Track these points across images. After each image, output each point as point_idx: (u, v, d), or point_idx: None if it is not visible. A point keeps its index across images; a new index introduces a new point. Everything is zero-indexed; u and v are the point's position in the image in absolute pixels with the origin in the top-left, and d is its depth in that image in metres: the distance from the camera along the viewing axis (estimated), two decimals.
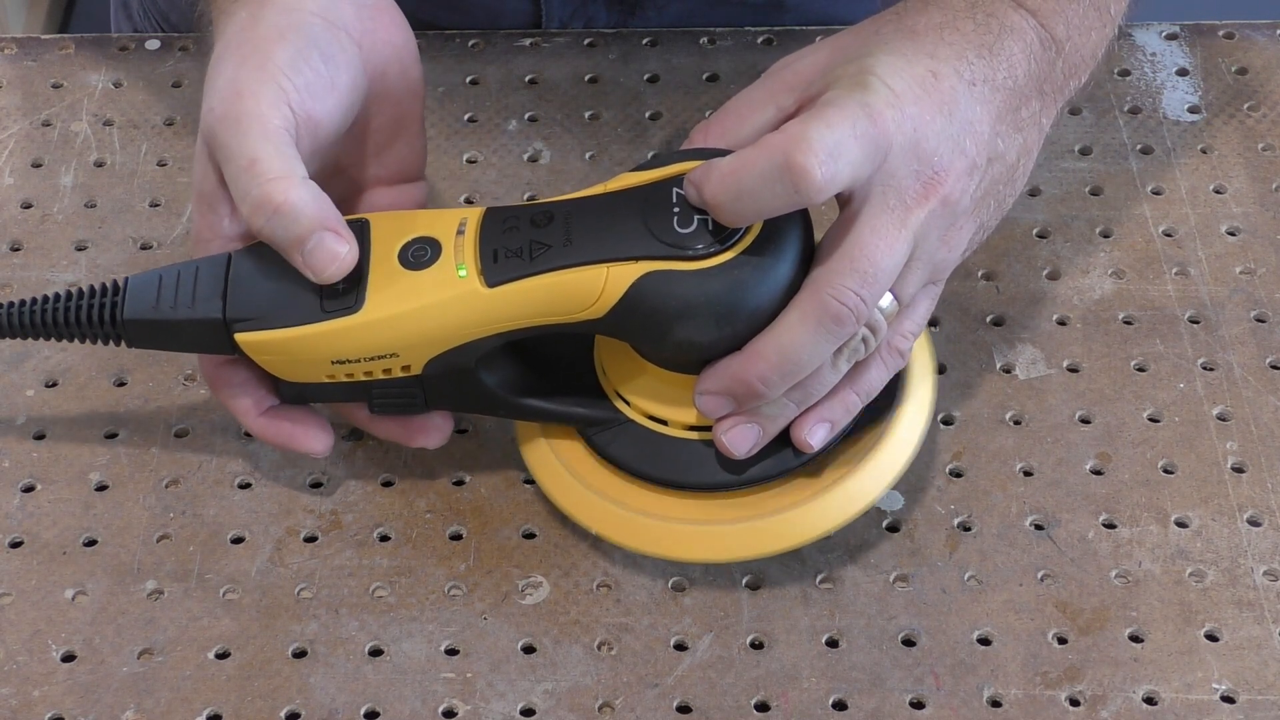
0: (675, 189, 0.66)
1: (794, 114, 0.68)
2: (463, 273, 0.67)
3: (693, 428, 0.70)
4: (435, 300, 0.67)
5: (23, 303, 0.71)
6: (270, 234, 0.67)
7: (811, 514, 0.70)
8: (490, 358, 0.69)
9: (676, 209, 0.66)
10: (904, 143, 0.65)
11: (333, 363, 0.69)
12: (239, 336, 0.68)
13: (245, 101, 0.68)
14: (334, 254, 0.67)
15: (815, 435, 0.69)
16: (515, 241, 0.67)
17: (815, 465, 0.71)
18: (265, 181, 0.67)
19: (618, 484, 0.72)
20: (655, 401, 0.71)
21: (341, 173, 0.75)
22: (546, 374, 0.72)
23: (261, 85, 0.68)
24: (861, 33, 0.70)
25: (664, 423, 0.71)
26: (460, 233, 0.68)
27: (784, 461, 0.70)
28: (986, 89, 0.69)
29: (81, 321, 0.70)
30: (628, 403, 0.71)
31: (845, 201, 0.66)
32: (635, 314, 0.66)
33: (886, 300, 0.67)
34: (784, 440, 0.70)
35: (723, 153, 0.66)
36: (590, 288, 0.66)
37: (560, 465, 0.73)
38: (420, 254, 0.68)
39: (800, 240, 0.66)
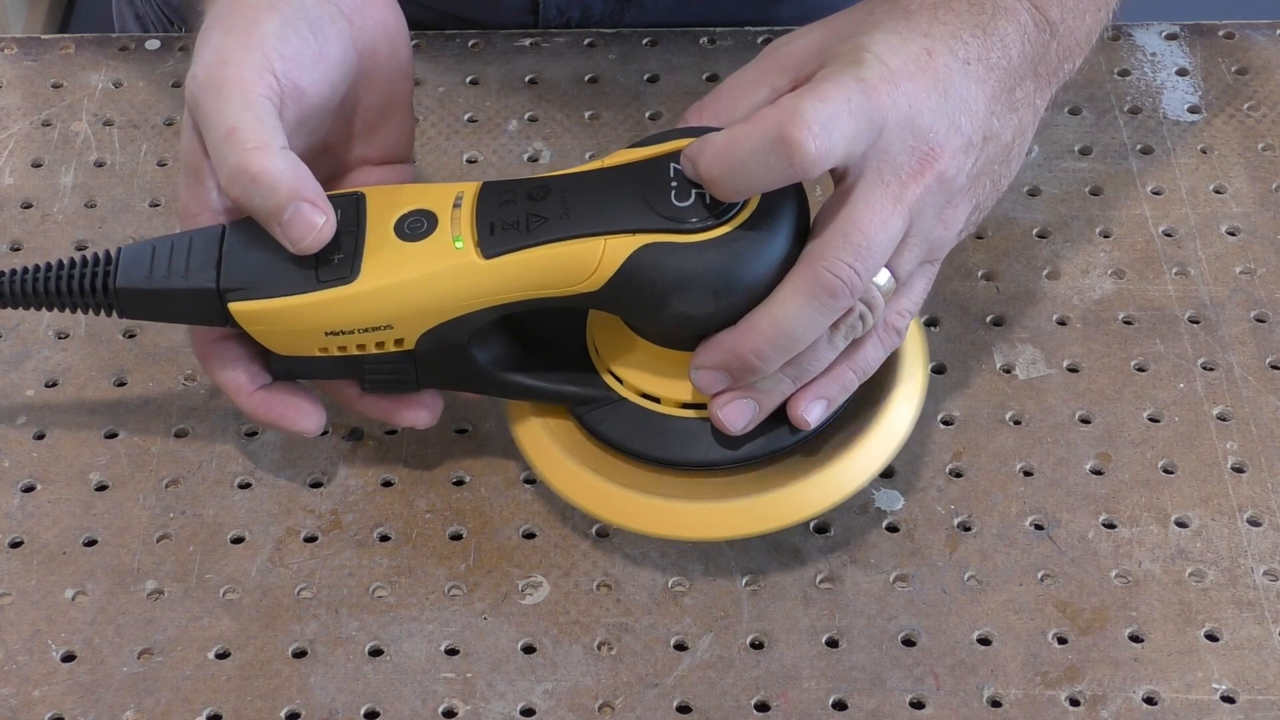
0: (672, 164, 0.67)
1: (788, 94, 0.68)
2: (459, 244, 0.67)
3: (686, 405, 0.70)
4: (431, 271, 0.67)
5: (15, 272, 0.71)
6: (247, 203, 0.67)
7: (803, 494, 0.70)
8: (483, 334, 0.70)
9: (674, 183, 0.66)
10: (899, 119, 0.66)
11: (326, 334, 0.69)
12: (233, 306, 0.68)
13: (229, 68, 0.68)
14: (311, 224, 0.67)
15: (811, 412, 0.69)
16: (512, 214, 0.67)
17: (809, 445, 0.71)
18: (243, 151, 0.66)
19: (609, 461, 0.72)
20: (648, 379, 0.70)
21: (329, 151, 0.74)
22: (538, 352, 0.72)
23: (246, 52, 0.68)
24: (855, 14, 0.70)
25: (657, 400, 0.71)
26: (457, 205, 0.68)
27: (779, 439, 0.70)
28: (981, 68, 0.69)
29: (74, 290, 0.70)
30: (620, 380, 0.71)
31: (840, 177, 0.67)
32: (632, 286, 0.66)
33: (884, 278, 0.67)
34: (779, 419, 0.70)
35: (720, 129, 0.66)
36: (587, 260, 0.66)
37: (553, 443, 0.72)
38: (416, 226, 0.68)
39: (796, 215, 0.66)
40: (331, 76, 0.71)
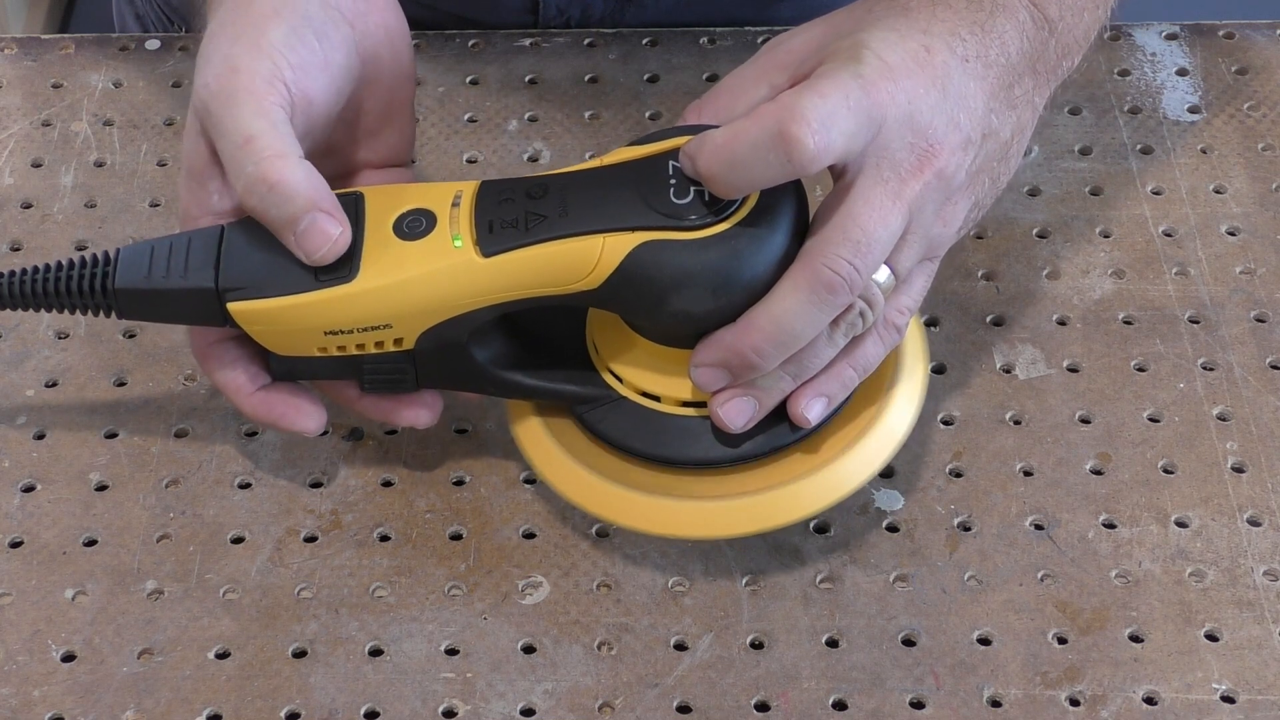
0: (671, 161, 0.67)
1: None
2: (458, 243, 0.67)
3: (686, 403, 0.70)
4: (430, 270, 0.67)
5: (13, 273, 0.71)
6: (264, 212, 0.67)
7: (803, 493, 0.70)
8: (482, 333, 0.70)
9: (673, 181, 0.66)
10: (898, 115, 0.66)
11: (325, 333, 0.69)
12: (232, 306, 0.68)
13: (241, 77, 0.68)
14: (327, 235, 0.67)
15: (812, 410, 0.69)
16: (511, 213, 0.67)
17: (809, 444, 0.71)
18: (261, 159, 0.66)
19: (609, 460, 0.72)
20: (648, 377, 0.70)
21: (331, 154, 0.75)
22: (538, 351, 0.72)
23: (257, 61, 0.68)
24: (854, 11, 0.70)
25: (656, 399, 0.71)
26: (455, 204, 0.68)
27: (779, 437, 0.70)
28: (979, 65, 0.69)
29: (73, 291, 0.70)
30: (620, 379, 0.71)
31: (839, 174, 0.67)
32: (631, 284, 0.66)
33: (883, 275, 0.67)
34: (779, 416, 0.70)
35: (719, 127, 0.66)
36: (586, 258, 0.66)
37: (553, 442, 0.72)
38: (415, 225, 0.68)
39: (795, 212, 0.66)
40: (337, 83, 0.71)
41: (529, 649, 0.71)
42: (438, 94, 0.92)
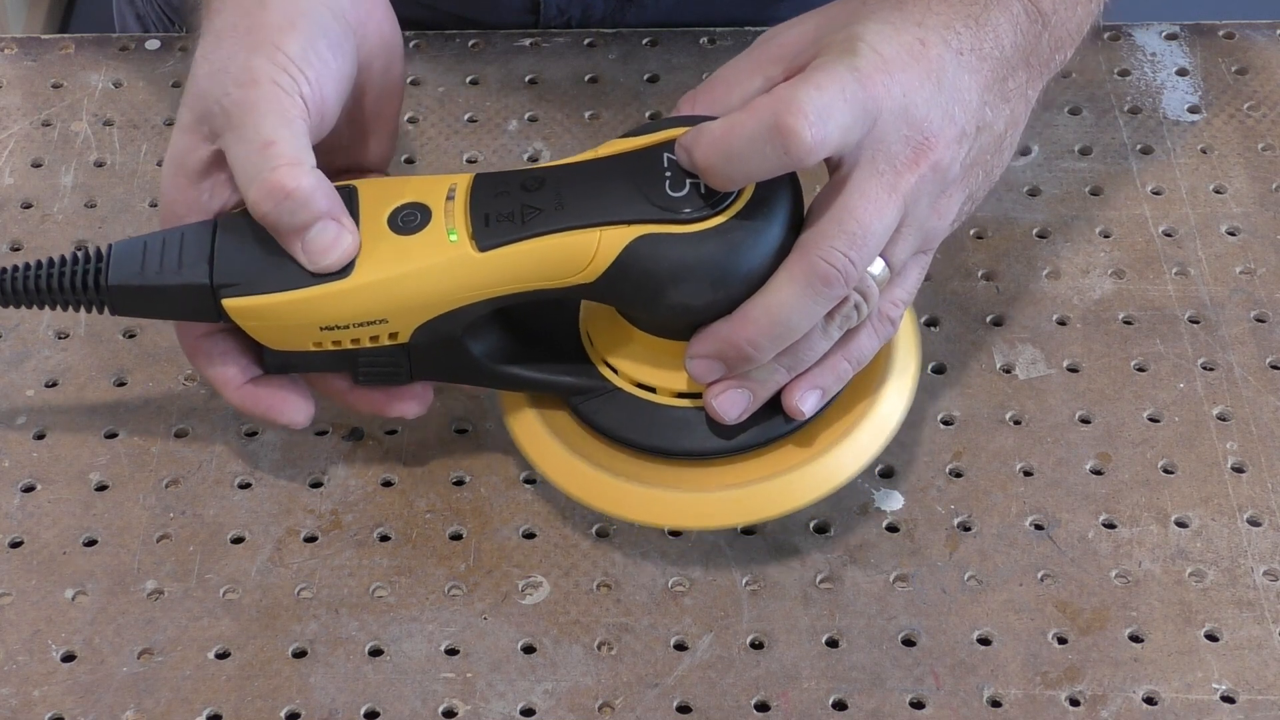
0: (666, 154, 0.67)
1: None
2: (453, 237, 0.67)
3: (681, 394, 0.70)
4: (426, 264, 0.67)
5: (5, 270, 0.71)
6: (275, 219, 0.67)
7: (797, 484, 0.70)
8: (478, 326, 0.70)
9: (668, 173, 0.66)
10: (894, 108, 0.66)
11: (321, 329, 0.69)
12: (226, 302, 0.68)
13: (263, 89, 0.68)
14: (336, 240, 0.67)
15: (806, 402, 0.69)
16: (506, 206, 0.67)
17: (803, 436, 0.71)
18: (277, 166, 0.67)
19: (602, 450, 0.72)
20: (643, 369, 0.71)
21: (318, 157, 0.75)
22: (533, 343, 0.72)
23: (278, 75, 0.68)
24: (849, 4, 0.71)
25: (652, 390, 0.71)
26: (450, 198, 0.68)
27: (773, 429, 0.70)
28: (974, 58, 0.69)
29: (65, 288, 0.70)
30: (615, 371, 0.71)
31: (835, 167, 0.67)
32: (627, 277, 0.66)
33: (878, 267, 0.67)
34: (774, 408, 0.70)
35: (714, 118, 0.66)
36: (583, 251, 0.66)
37: (547, 434, 0.72)
38: (410, 219, 0.68)
39: (791, 205, 0.67)
40: (342, 92, 0.71)
41: (529, 649, 0.71)
42: (438, 94, 0.92)
